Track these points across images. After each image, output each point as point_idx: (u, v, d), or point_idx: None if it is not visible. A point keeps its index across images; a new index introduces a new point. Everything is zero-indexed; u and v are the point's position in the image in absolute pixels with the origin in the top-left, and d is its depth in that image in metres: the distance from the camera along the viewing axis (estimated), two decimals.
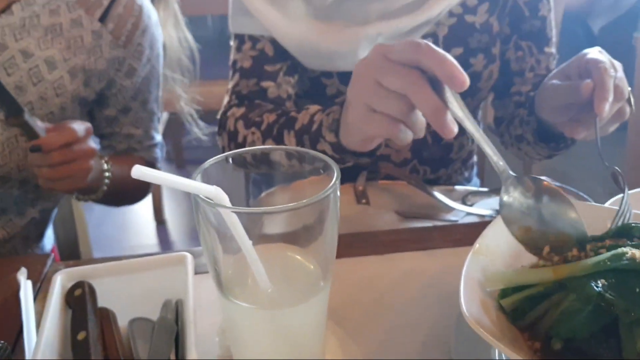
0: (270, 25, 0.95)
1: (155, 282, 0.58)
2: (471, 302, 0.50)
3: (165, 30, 1.14)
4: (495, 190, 1.12)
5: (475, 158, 1.23)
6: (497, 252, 0.59)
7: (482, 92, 1.05)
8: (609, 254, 0.50)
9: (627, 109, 0.76)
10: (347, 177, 1.04)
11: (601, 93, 0.70)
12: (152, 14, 1.07)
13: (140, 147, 1.13)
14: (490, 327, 0.49)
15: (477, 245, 0.58)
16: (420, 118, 0.62)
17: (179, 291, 0.58)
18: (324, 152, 0.77)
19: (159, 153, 1.17)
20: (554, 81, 0.81)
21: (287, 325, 0.49)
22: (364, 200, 1.02)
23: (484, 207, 1.06)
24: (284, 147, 0.52)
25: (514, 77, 1.06)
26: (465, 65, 0.99)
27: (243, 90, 0.97)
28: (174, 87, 1.22)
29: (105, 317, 0.56)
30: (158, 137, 1.16)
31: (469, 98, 1.04)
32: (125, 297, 0.58)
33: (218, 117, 1.00)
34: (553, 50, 1.07)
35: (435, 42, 0.98)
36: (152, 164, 1.17)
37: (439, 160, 1.11)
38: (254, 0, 0.95)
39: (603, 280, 0.48)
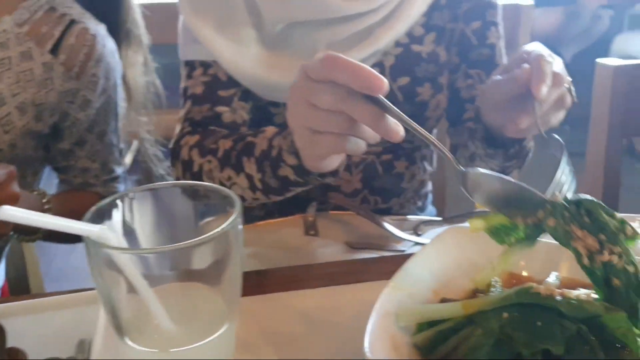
0: (219, 56, 0.94)
1: (70, 321, 0.57)
2: (379, 339, 0.50)
3: (132, 73, 1.12)
4: (448, 219, 1.12)
5: (429, 187, 1.24)
6: (417, 286, 0.59)
7: (430, 121, 1.05)
8: (515, 288, 0.50)
9: (569, 98, 0.76)
10: (297, 207, 1.03)
11: (538, 75, 0.70)
12: (107, 42, 1.05)
13: (97, 181, 1.10)
14: None
15: (395, 279, 0.57)
16: (363, 126, 0.61)
17: (94, 330, 0.57)
18: (286, 177, 0.76)
19: (120, 187, 1.14)
20: (495, 77, 0.80)
21: None
22: (312, 232, 1.02)
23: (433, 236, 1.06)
24: (184, 183, 0.51)
25: (465, 104, 1.06)
26: (413, 94, 1.00)
27: (196, 117, 0.95)
28: (138, 129, 1.20)
29: (15, 357, 0.54)
30: (119, 170, 1.13)
31: None
32: (39, 336, 0.57)
33: (170, 146, 0.98)
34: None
35: (382, 72, 0.98)
36: None
37: (390, 190, 1.11)
38: (202, 28, 0.94)
39: (506, 314, 0.48)
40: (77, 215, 0.42)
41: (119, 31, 1.10)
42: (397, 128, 0.57)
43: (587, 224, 0.50)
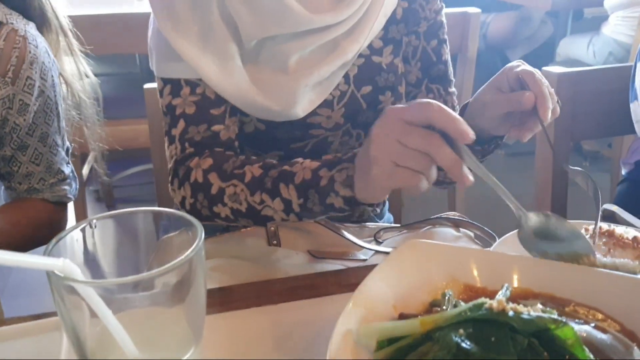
0: (205, 76, 0.93)
1: (32, 349, 0.57)
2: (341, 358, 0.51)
3: (63, 65, 1.09)
4: (407, 226, 1.14)
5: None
6: (377, 302, 0.60)
7: None
8: (470, 304, 0.53)
9: (557, 110, 0.86)
10: None
11: (543, 102, 0.82)
12: (39, 41, 1.01)
13: (42, 186, 1.06)
14: None
15: (354, 296, 0.59)
16: (435, 169, 0.70)
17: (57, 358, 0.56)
18: (332, 205, 0.82)
19: (68, 189, 1.10)
20: (488, 95, 0.91)
21: None
22: (274, 242, 1.03)
23: (393, 244, 1.08)
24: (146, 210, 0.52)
25: None
26: (375, 101, 1.04)
27: (195, 137, 0.95)
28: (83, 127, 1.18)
29: None
30: (66, 170, 1.10)
31: None
32: None
33: (170, 166, 0.96)
34: (454, 90, 1.13)
35: (347, 81, 1.01)
36: (60, 203, 1.11)
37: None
38: (186, 46, 0.93)
39: (462, 330, 0.50)
40: (23, 228, 0.42)
41: (32, 13, 1.05)
42: (468, 176, 0.68)
43: None
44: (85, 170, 2.48)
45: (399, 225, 1.18)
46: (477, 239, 1.10)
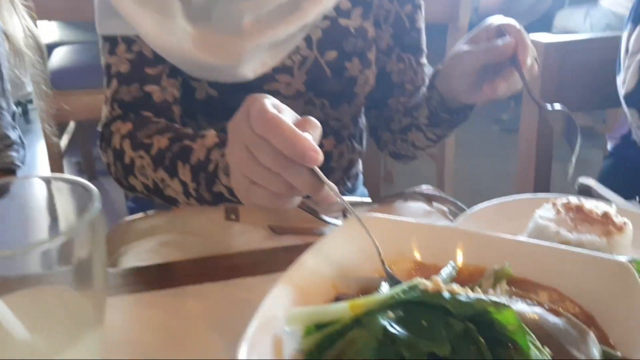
0: (142, 31, 0.87)
1: None
2: (260, 345, 0.46)
3: (4, 21, 1.03)
4: (378, 201, 1.09)
5: (360, 167, 1.21)
6: (314, 279, 0.55)
7: (358, 97, 1.02)
8: (404, 285, 0.47)
9: (536, 67, 0.82)
10: None
11: (523, 48, 0.77)
12: None
13: None
14: None
15: (288, 272, 0.54)
16: (309, 187, 0.58)
17: None
18: (221, 194, 0.73)
19: (16, 155, 1.03)
20: (465, 46, 0.83)
21: None
22: (233, 216, 0.97)
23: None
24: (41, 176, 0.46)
25: (394, 89, 1.06)
26: (341, 69, 0.97)
27: (125, 98, 0.89)
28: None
29: None
30: (13, 136, 1.02)
31: (346, 104, 1.02)
32: None
33: (99, 128, 0.91)
34: (426, 62, 1.07)
35: (309, 46, 0.94)
36: (9, 170, 1.03)
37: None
38: (123, 1, 0.87)
39: (391, 314, 0.45)
40: None
41: None
42: (334, 197, 0.58)
43: None
44: (63, 142, 2.43)
45: (369, 200, 1.12)
46: (450, 215, 1.05)
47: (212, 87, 0.94)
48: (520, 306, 0.49)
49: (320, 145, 1.06)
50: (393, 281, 0.56)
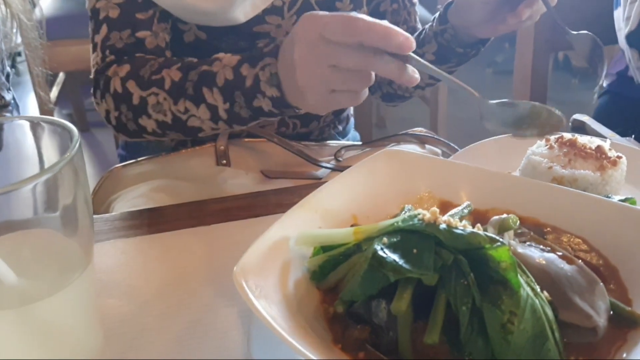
0: None
1: None
2: (264, 261, 0.46)
3: None
4: (369, 143, 1.08)
5: (350, 110, 1.19)
6: (334, 207, 0.55)
7: None
8: (406, 214, 0.47)
9: None
10: (209, 136, 0.97)
11: None
12: None
13: None
14: (274, 290, 0.45)
15: (308, 198, 0.54)
16: (373, 78, 0.65)
17: None
18: (260, 108, 0.74)
19: (9, 116, 1.05)
20: None
21: (43, 321, 0.44)
22: (224, 161, 0.96)
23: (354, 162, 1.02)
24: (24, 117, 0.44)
25: None
26: (331, 9, 0.94)
27: (117, 44, 0.86)
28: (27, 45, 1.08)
29: None
30: (7, 97, 1.01)
31: None
32: None
33: (92, 76, 0.88)
34: (417, 1, 1.05)
35: None
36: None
37: (309, 113, 1.05)
38: None
39: (385, 239, 0.45)
40: None
41: None
42: (415, 75, 0.63)
43: None
44: (53, 94, 2.39)
45: (360, 143, 1.11)
46: (443, 157, 1.04)
47: (201, 30, 0.91)
48: (530, 250, 0.48)
49: None
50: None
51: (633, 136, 0.90)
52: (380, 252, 0.43)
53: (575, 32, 0.73)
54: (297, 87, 0.66)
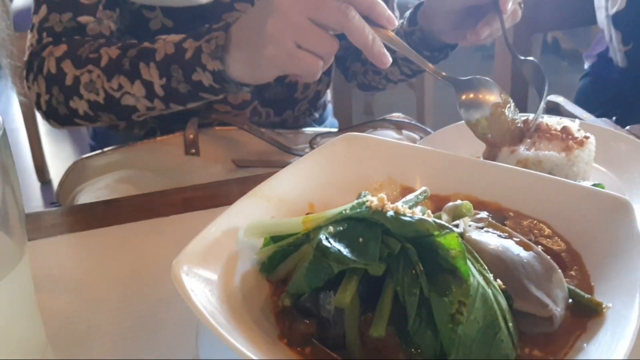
0: None
1: None
2: (209, 253, 0.44)
3: None
4: (345, 130, 1.06)
5: (328, 96, 1.16)
6: (289, 195, 0.53)
7: None
8: (354, 202, 0.45)
9: (519, 12, 0.82)
10: (179, 124, 0.95)
11: None
12: None
13: None
14: (219, 284, 0.43)
15: (260, 186, 0.52)
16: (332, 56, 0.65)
17: None
18: (200, 82, 0.72)
19: None
20: None
21: None
22: (193, 150, 0.94)
23: None
24: None
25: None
26: None
27: (56, 27, 0.83)
28: None
29: None
30: None
31: None
32: None
33: (25, 58, 0.85)
34: None
35: None
36: None
37: (283, 101, 1.03)
38: None
39: (331, 228, 0.42)
40: None
41: None
42: (386, 57, 0.64)
43: None
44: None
45: (336, 130, 1.09)
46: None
47: (167, 17, 0.88)
48: (486, 237, 0.45)
49: (285, 76, 1.02)
50: None
51: (614, 118, 0.88)
52: (325, 242, 0.41)
53: (522, 57, 0.75)
54: (262, 39, 0.64)
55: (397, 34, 0.99)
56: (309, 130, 1.06)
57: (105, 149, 0.95)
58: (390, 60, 0.64)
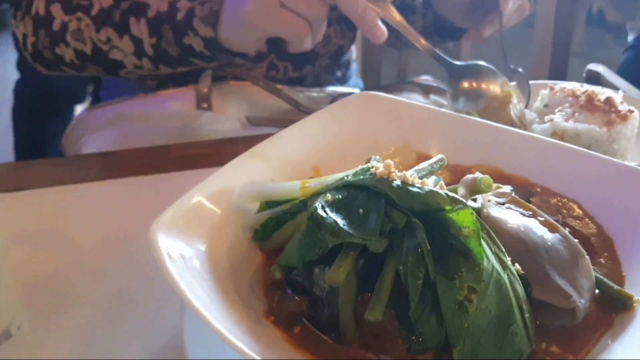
0: None
1: None
2: (195, 217, 0.40)
3: None
4: (370, 90, 1.00)
5: (352, 54, 1.10)
6: (291, 157, 0.48)
7: None
8: (358, 167, 0.40)
9: (527, 7, 0.77)
10: (192, 77, 0.90)
11: None
12: None
13: None
14: (203, 252, 0.39)
15: (259, 146, 0.47)
16: (324, 27, 0.61)
17: None
18: (190, 47, 0.69)
19: None
20: None
21: None
22: (204, 105, 0.89)
23: None
24: None
25: None
26: None
27: None
28: None
29: None
30: None
31: None
32: None
33: None
34: None
35: None
36: None
37: (301, 55, 0.96)
38: None
39: (329, 196, 0.37)
40: None
41: None
42: (380, 31, 0.58)
43: None
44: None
45: (358, 91, 1.03)
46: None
47: None
48: (507, 214, 0.40)
49: None
50: None
51: None
52: (320, 212, 0.36)
53: (512, 67, 0.72)
54: None
55: (412, 12, 0.93)
56: (330, 89, 1.00)
57: (113, 100, 0.91)
58: (385, 35, 0.59)
